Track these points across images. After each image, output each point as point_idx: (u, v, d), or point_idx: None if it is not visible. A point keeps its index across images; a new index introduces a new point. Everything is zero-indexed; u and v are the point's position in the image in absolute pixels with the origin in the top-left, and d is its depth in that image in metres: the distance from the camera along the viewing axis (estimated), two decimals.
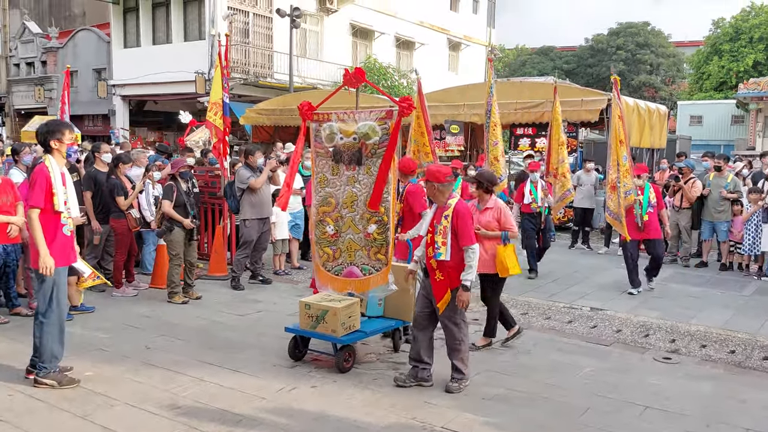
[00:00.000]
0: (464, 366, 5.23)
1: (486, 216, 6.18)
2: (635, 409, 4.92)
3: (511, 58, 54.83)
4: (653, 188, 8.73)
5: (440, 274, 5.12)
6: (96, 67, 24.20)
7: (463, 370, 5.21)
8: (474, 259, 5.04)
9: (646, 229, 8.51)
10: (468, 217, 5.10)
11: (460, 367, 5.21)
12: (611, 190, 8.60)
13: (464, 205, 5.19)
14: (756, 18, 36.24)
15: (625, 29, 47.42)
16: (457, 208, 5.09)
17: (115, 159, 8.44)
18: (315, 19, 23.72)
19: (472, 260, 5.03)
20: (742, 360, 6.15)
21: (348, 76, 5.90)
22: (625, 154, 8.47)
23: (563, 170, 9.87)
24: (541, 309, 7.85)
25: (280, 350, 6.01)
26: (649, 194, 8.57)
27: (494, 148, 9.39)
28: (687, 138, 22.13)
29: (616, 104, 8.61)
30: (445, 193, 5.18)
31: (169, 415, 4.64)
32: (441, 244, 5.08)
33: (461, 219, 5.04)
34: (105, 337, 6.45)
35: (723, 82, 37.17)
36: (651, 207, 8.54)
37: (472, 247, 5.03)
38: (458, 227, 5.04)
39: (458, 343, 5.21)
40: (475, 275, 5.18)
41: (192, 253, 8.08)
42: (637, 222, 8.47)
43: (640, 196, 8.50)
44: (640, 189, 8.54)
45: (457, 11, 30.75)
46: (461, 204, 5.17)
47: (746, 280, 9.68)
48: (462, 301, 5.08)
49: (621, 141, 8.44)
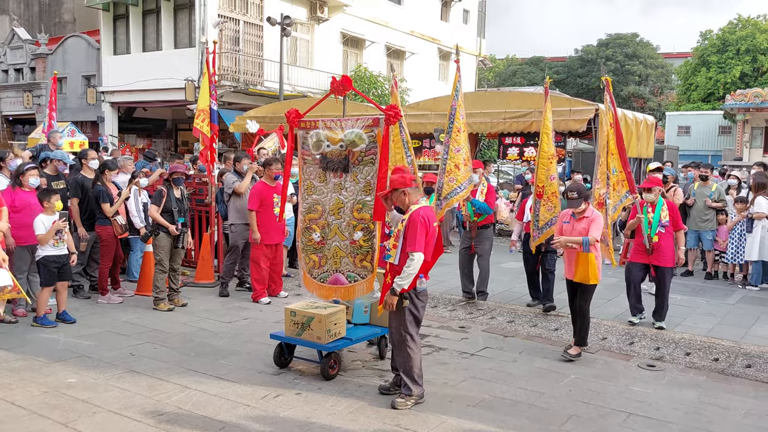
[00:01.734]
0: (412, 381, 5.03)
1: (581, 224, 6.34)
2: (619, 416, 4.94)
3: (502, 68, 55.20)
4: (667, 204, 7.46)
5: (390, 277, 5.09)
6: (85, 73, 24.11)
7: (410, 385, 5.02)
8: (412, 266, 4.86)
9: (655, 253, 7.31)
10: (418, 224, 4.91)
11: (408, 382, 5.02)
12: (598, 207, 7.48)
13: (420, 213, 4.98)
14: (742, 30, 36.72)
15: (614, 40, 47.93)
16: (412, 214, 5.00)
17: (102, 165, 8.43)
18: (306, 28, 23.78)
19: (411, 267, 4.86)
20: (726, 367, 6.19)
21: (335, 84, 5.92)
22: (614, 167, 7.65)
23: (552, 189, 7.83)
24: (528, 317, 7.87)
25: (265, 357, 6.00)
26: (661, 212, 7.34)
27: (456, 155, 7.94)
28: (675, 148, 22.33)
29: (608, 108, 7.81)
30: (411, 197, 5.11)
31: (152, 422, 4.61)
32: (392, 246, 5.08)
33: (411, 224, 4.95)
34: (89, 344, 6.41)
35: (710, 93, 37.58)
36: (662, 227, 7.30)
37: (414, 255, 4.86)
38: (407, 232, 4.97)
39: (407, 356, 5.04)
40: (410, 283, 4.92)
41: (177, 260, 8.06)
42: (645, 243, 7.36)
43: (650, 213, 7.35)
44: (651, 206, 7.39)
45: (448, 21, 30.93)
46: (418, 211, 5.00)
47: (731, 288, 9.76)
48: (387, 303, 4.99)
49: (611, 152, 7.63)
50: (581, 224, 6.35)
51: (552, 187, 7.79)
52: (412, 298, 5.04)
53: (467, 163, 7.88)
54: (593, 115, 13.01)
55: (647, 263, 7.45)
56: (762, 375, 5.99)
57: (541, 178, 7.84)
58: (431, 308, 8.14)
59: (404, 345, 5.05)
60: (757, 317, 8.04)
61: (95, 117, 23.84)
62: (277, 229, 8.35)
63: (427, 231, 4.98)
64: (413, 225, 4.94)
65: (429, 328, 7.24)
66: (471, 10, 32.78)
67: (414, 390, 5.04)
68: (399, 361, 5.13)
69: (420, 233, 4.91)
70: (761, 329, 7.49)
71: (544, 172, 7.81)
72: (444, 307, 8.25)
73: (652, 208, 7.38)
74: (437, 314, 7.92)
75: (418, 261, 4.88)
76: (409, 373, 5.05)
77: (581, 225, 6.34)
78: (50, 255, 6.95)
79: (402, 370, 5.09)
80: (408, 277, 4.89)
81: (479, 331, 7.27)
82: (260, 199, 8.21)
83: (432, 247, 5.11)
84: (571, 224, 6.42)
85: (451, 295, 8.79)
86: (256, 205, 8.20)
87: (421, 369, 5.13)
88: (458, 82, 8.04)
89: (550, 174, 7.80)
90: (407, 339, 5.05)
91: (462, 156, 7.85)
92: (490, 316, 7.86)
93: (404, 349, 5.05)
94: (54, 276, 7.00)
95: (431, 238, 5.07)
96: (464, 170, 7.84)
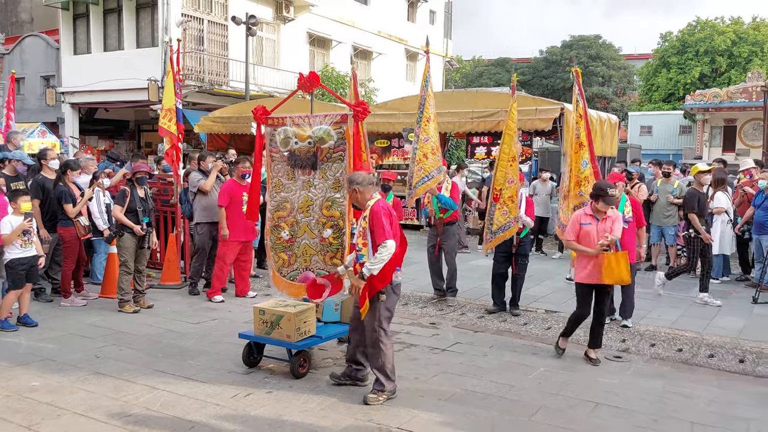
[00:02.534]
0: (385, 377, 5.02)
1: (606, 224, 6.09)
2: (587, 406, 5.02)
3: (468, 69, 55.61)
4: (630, 201, 7.45)
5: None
6: (44, 74, 23.54)
7: (383, 381, 5.01)
8: (384, 253, 4.85)
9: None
10: (380, 214, 4.94)
11: (380, 377, 5.02)
12: (563, 199, 7.78)
13: (378, 205, 5.03)
14: (701, 32, 37.63)
15: (577, 42, 48.68)
16: (372, 208, 5.02)
17: (63, 165, 8.24)
18: (272, 28, 23.61)
19: (382, 254, 4.85)
20: (689, 358, 6.33)
21: (302, 81, 5.89)
22: (585, 159, 7.53)
23: (510, 193, 7.45)
24: (498, 312, 7.92)
25: (235, 357, 5.93)
26: (624, 208, 7.24)
27: (424, 145, 7.87)
28: (637, 147, 22.74)
29: (577, 100, 7.71)
30: (365, 194, 5.10)
31: (119, 423, 4.52)
32: (362, 245, 5.08)
33: (374, 217, 4.96)
34: (52, 347, 6.25)
35: (671, 94, 38.41)
36: (625, 223, 7.04)
37: (385, 243, 4.86)
38: (372, 226, 4.98)
39: (380, 352, 5.02)
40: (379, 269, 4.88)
41: (142, 261, 7.92)
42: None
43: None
44: None
45: (415, 22, 31.05)
46: (376, 204, 5.04)
47: (693, 282, 9.97)
48: (353, 287, 5.01)
49: (581, 144, 7.53)
50: (605, 224, 6.09)
51: (509, 191, 7.48)
52: (389, 293, 5.04)
53: (435, 153, 7.91)
54: (559, 114, 13.21)
55: None
56: (724, 364, 6.15)
57: (499, 180, 7.53)
58: (402, 306, 8.15)
59: (378, 341, 5.04)
60: (719, 309, 8.24)
61: (55, 118, 23.26)
62: (246, 227, 8.28)
63: (390, 220, 5.01)
64: (376, 216, 4.95)
65: (400, 325, 7.24)
66: (437, 11, 33.00)
67: (387, 385, 5.03)
68: (372, 358, 5.12)
69: (385, 222, 4.93)
70: (722, 320, 7.69)
71: (503, 174, 7.51)
72: (415, 305, 8.26)
73: (615, 205, 7.28)
74: (408, 311, 7.93)
75: (390, 247, 4.87)
76: (382, 369, 5.04)
77: (605, 225, 6.09)
78: (18, 258, 6.78)
79: (375, 367, 5.08)
80: (379, 262, 4.86)
81: (450, 327, 7.30)
82: (230, 196, 8.16)
83: (399, 236, 5.11)
84: (595, 226, 6.10)
85: (421, 292, 8.81)
86: (226, 201, 8.15)
87: (393, 365, 5.13)
88: (428, 73, 8.04)
89: (509, 177, 7.48)
90: (381, 334, 5.04)
91: (431, 145, 7.86)
92: (461, 313, 7.91)
93: (378, 345, 5.04)
94: (22, 279, 6.83)
95: (396, 227, 5.10)
96: (432, 159, 7.88)
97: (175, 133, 9.30)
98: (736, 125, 29.54)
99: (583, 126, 7.62)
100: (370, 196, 5.11)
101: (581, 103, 7.69)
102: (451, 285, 8.55)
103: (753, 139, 28.49)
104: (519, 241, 7.77)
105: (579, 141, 7.59)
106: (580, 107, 7.68)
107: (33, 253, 6.94)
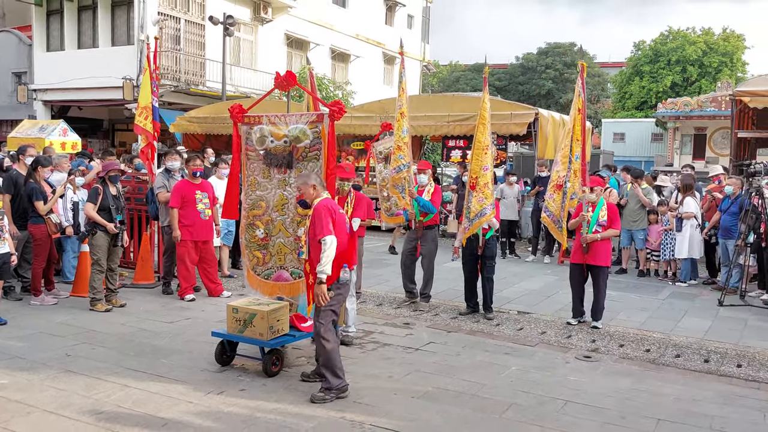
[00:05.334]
0: (331, 374, 4.99)
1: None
2: (556, 404, 5.11)
3: (445, 74, 55.95)
4: (607, 205, 7.55)
5: (312, 277, 5.08)
6: (16, 70, 23.14)
7: (329, 378, 4.98)
8: (328, 250, 4.83)
9: (591, 252, 7.36)
10: (322, 212, 4.96)
11: (327, 374, 5.00)
12: (556, 189, 7.71)
13: (323, 204, 5.05)
14: (673, 42, 38.38)
15: (553, 49, 49.28)
16: (316, 206, 5.05)
17: (34, 162, 8.12)
18: (249, 28, 23.52)
19: (326, 251, 4.83)
20: (657, 357, 6.47)
21: (279, 80, 5.91)
22: (578, 153, 7.68)
23: (485, 180, 7.51)
24: (471, 313, 8.00)
25: (208, 356, 5.90)
26: (600, 211, 7.42)
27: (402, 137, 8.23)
28: (610, 153, 23.18)
29: (578, 94, 7.81)
30: (317, 191, 5.15)
31: (90, 421, 4.48)
32: (304, 243, 5.13)
33: (315, 215, 5.00)
34: (21, 345, 6.17)
35: (644, 102, 39.09)
36: (600, 226, 7.36)
37: (324, 239, 4.85)
38: (312, 223, 5.02)
39: (323, 349, 5.02)
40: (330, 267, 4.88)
41: (114, 259, 7.84)
42: (582, 243, 7.40)
43: (590, 213, 7.42)
44: (591, 205, 7.47)
45: (392, 26, 31.17)
46: (322, 202, 5.07)
47: (662, 285, 10.19)
48: (317, 295, 4.91)
49: (576, 138, 7.66)
50: None
51: (484, 178, 7.50)
52: (333, 289, 5.06)
53: (409, 146, 8.21)
54: (533, 119, 13.39)
55: (583, 263, 7.46)
56: (690, 364, 6.30)
57: (474, 168, 7.56)
58: (376, 306, 8.20)
59: (318, 336, 5.04)
60: (686, 311, 8.43)
61: (26, 116, 22.86)
62: (203, 226, 8.24)
63: (333, 218, 5.01)
64: (317, 215, 4.99)
65: (374, 325, 7.28)
66: (415, 16, 33.16)
67: (333, 382, 5.00)
68: (319, 353, 5.13)
69: (325, 220, 4.94)
70: (689, 322, 7.87)
71: (478, 162, 7.54)
72: (389, 306, 8.30)
73: (593, 208, 7.46)
74: (382, 312, 7.97)
75: (330, 243, 4.87)
76: (327, 365, 5.02)
77: None
78: None
79: (321, 364, 5.08)
80: (327, 261, 4.86)
81: (424, 327, 7.36)
82: (182, 196, 8.10)
83: (345, 234, 5.14)
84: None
85: (396, 294, 8.85)
86: (177, 202, 8.09)
87: (340, 361, 5.10)
88: (403, 69, 8.49)
89: (484, 165, 7.51)
90: (321, 330, 5.03)
91: (404, 139, 8.19)
92: (434, 313, 7.97)
93: (319, 340, 5.04)
94: None
95: (341, 225, 5.10)
96: (407, 151, 8.23)
97: (151, 131, 9.24)
98: (706, 133, 30.13)
99: (580, 120, 7.80)
100: (318, 195, 5.15)
101: (582, 97, 7.90)
102: (425, 291, 8.45)
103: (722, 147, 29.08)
104: (485, 243, 7.75)
105: (574, 135, 7.74)
106: (580, 101, 7.86)
107: (6, 250, 6.83)
